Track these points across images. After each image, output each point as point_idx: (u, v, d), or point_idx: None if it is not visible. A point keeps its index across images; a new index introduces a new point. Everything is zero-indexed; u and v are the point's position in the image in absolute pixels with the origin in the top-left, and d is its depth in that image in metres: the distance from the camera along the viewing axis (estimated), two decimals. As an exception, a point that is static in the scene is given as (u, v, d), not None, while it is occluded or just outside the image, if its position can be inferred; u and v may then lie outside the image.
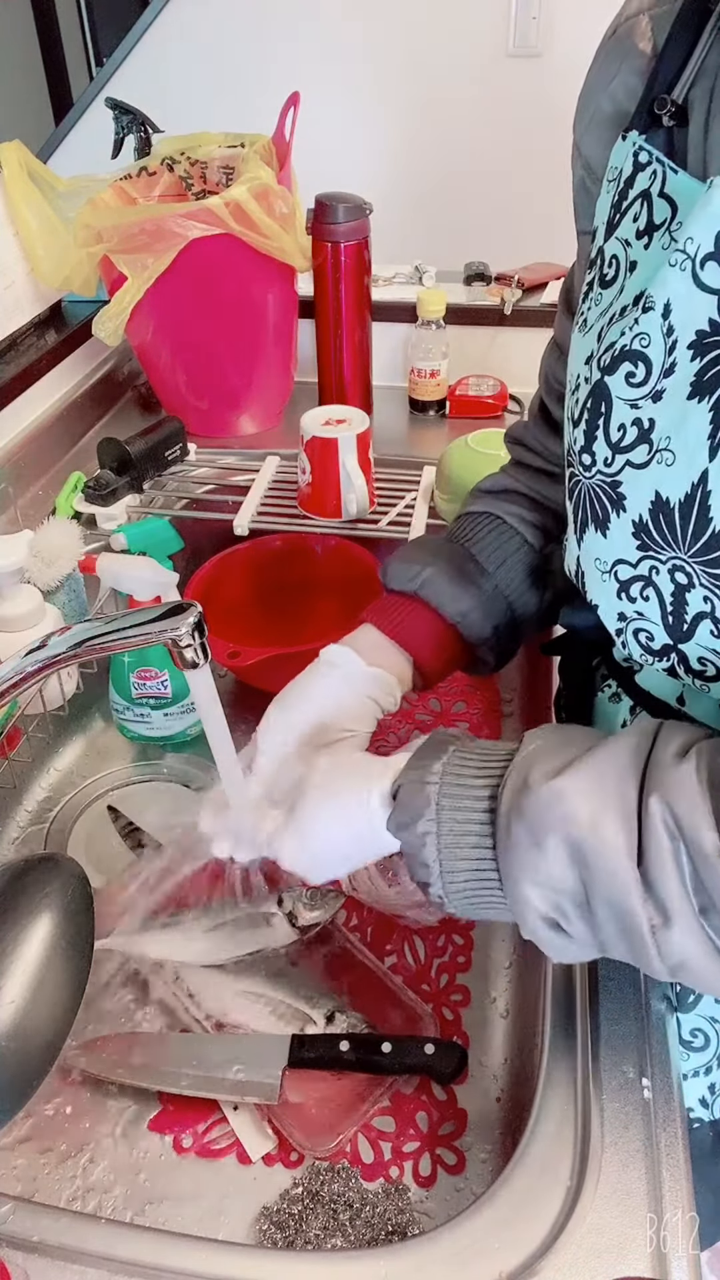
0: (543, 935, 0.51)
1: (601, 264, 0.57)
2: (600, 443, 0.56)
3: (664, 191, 0.52)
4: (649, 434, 0.52)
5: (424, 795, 0.53)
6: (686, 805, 0.45)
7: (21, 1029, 0.64)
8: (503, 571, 0.73)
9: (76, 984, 0.68)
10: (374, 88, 1.78)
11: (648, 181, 0.53)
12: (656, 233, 0.52)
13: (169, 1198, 0.65)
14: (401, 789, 0.55)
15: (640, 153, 0.53)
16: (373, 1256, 0.53)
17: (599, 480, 0.56)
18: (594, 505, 0.57)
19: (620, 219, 0.55)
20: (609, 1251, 0.50)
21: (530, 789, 0.49)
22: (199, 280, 1.16)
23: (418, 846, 0.53)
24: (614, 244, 0.56)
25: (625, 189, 0.55)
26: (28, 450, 1.19)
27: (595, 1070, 0.58)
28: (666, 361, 0.51)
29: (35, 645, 0.62)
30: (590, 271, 0.59)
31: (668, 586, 0.54)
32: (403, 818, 0.54)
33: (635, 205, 0.54)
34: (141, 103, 1.34)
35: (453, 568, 0.71)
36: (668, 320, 0.50)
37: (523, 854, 0.49)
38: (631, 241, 0.54)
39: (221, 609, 1.04)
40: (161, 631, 0.62)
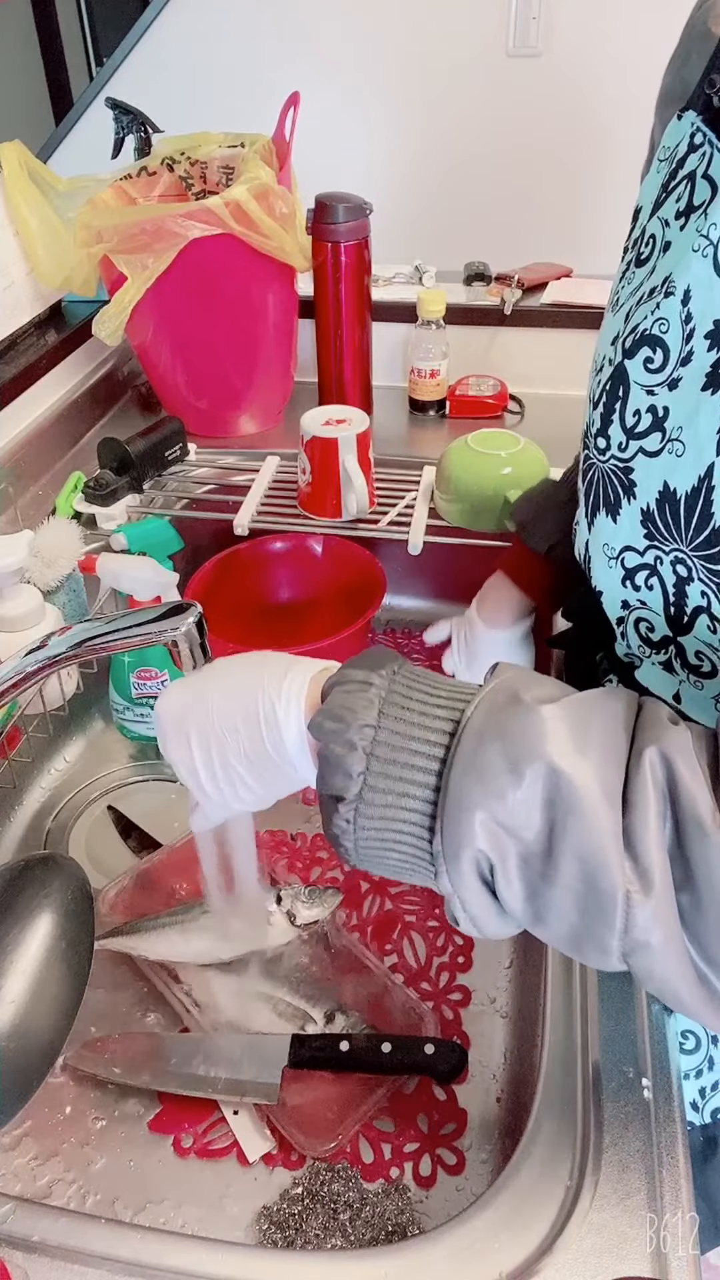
0: (467, 887, 0.43)
1: (640, 244, 0.56)
2: (616, 426, 0.55)
3: (708, 173, 0.50)
4: (663, 422, 0.52)
5: (365, 696, 0.45)
6: (685, 767, 0.40)
7: (21, 1029, 0.64)
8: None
9: (76, 984, 0.68)
10: (374, 88, 1.78)
11: (697, 162, 0.52)
12: (694, 214, 0.51)
13: (169, 1198, 0.65)
14: (336, 686, 0.47)
15: (697, 133, 0.52)
16: (373, 1256, 0.53)
17: (613, 464, 0.56)
18: (606, 490, 0.57)
19: (665, 198, 0.54)
20: (609, 1251, 0.50)
21: (522, 707, 0.43)
22: (199, 280, 1.16)
23: (343, 752, 0.44)
24: (655, 223, 0.55)
25: (676, 169, 0.54)
26: (28, 450, 1.19)
27: (595, 1070, 0.58)
28: (684, 349, 0.50)
29: (35, 645, 0.62)
30: (630, 252, 0.58)
31: (670, 578, 0.54)
32: (330, 718, 0.45)
33: (681, 185, 0.53)
34: (141, 103, 1.34)
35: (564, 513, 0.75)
36: (687, 307, 0.49)
37: (490, 779, 0.41)
38: (670, 221, 0.53)
39: (221, 609, 1.04)
40: (161, 631, 0.62)
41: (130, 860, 0.89)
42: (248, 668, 0.53)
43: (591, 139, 1.66)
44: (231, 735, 0.52)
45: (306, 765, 0.50)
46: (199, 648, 0.63)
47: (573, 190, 1.71)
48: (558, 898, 0.41)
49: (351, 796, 0.44)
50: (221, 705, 0.52)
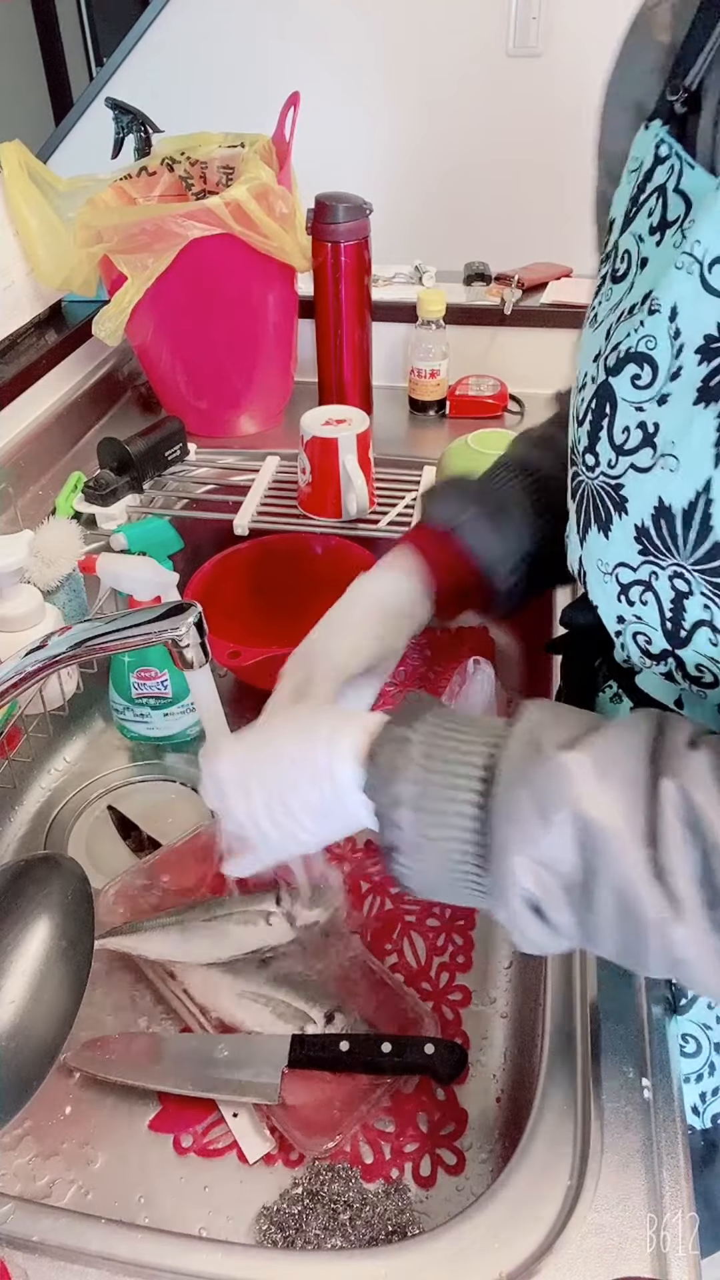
0: (521, 919, 0.47)
1: (615, 259, 0.56)
2: (604, 443, 0.55)
3: (679, 187, 0.51)
4: (653, 438, 0.51)
5: (406, 753, 0.49)
6: (703, 795, 0.43)
7: (21, 1029, 0.64)
8: (541, 524, 0.72)
9: (76, 984, 0.68)
10: (374, 88, 1.78)
11: (665, 175, 0.52)
12: (669, 230, 0.51)
13: (169, 1198, 0.65)
14: (380, 746, 0.50)
15: (661, 145, 0.52)
16: (373, 1256, 0.53)
17: (602, 481, 0.56)
18: (597, 506, 0.57)
19: (636, 213, 0.54)
20: (609, 1251, 0.50)
21: (543, 756, 0.46)
22: (199, 280, 1.16)
23: (393, 810, 0.49)
24: (628, 239, 0.55)
25: (644, 182, 0.53)
26: (28, 450, 1.19)
27: (595, 1070, 0.58)
28: (673, 365, 0.50)
29: (35, 645, 0.62)
30: (604, 266, 0.58)
31: (667, 593, 0.53)
32: (378, 777, 0.50)
33: (651, 200, 0.53)
34: (141, 103, 1.34)
35: (496, 512, 0.72)
36: (674, 323, 0.49)
37: (524, 826, 0.45)
38: (645, 237, 0.53)
39: (221, 609, 1.04)
40: (161, 631, 0.62)
41: (130, 860, 0.89)
42: (302, 724, 0.56)
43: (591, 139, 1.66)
44: (293, 790, 0.54)
45: (368, 815, 0.52)
46: (199, 648, 0.64)
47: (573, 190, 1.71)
48: (601, 923, 0.45)
49: (406, 847, 0.49)
50: (281, 764, 0.55)
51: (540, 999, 0.65)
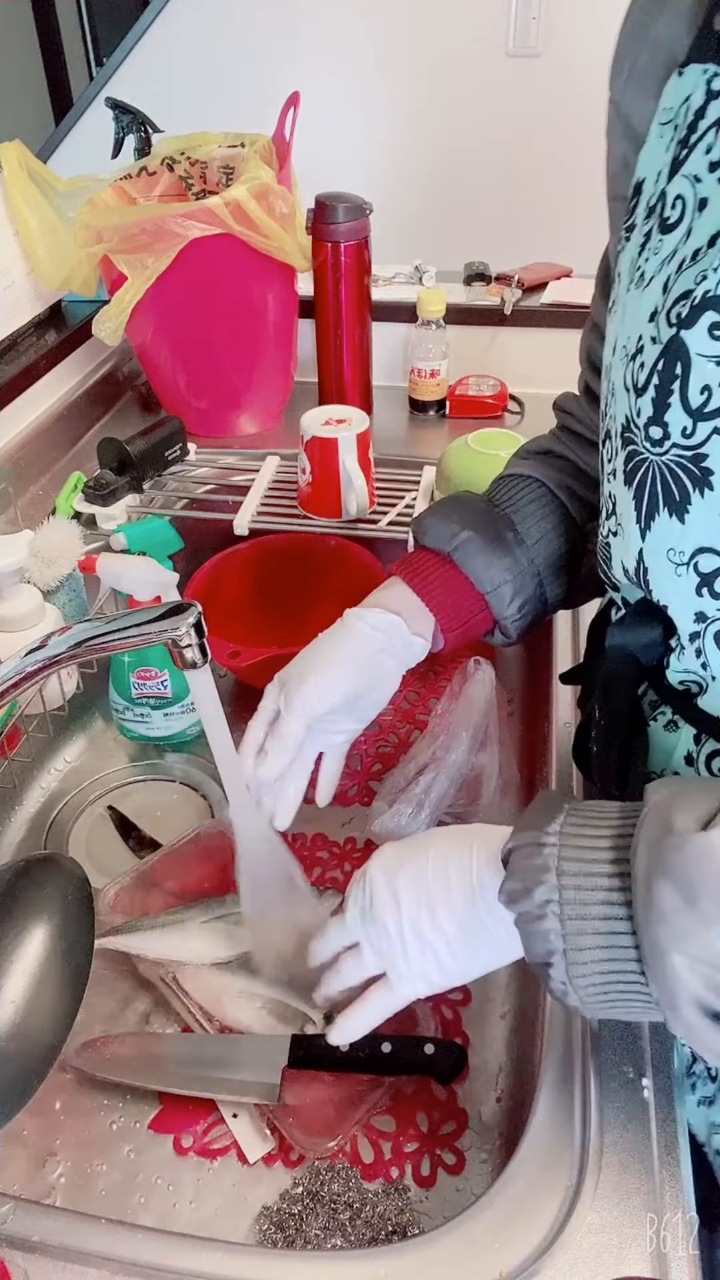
0: (699, 1030, 0.42)
1: (663, 208, 0.50)
2: (676, 410, 0.48)
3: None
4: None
5: (541, 857, 0.46)
6: None
7: (21, 1029, 0.64)
8: (540, 546, 0.68)
9: (76, 984, 0.68)
10: (374, 88, 1.78)
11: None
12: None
13: (169, 1198, 0.65)
14: (514, 852, 0.48)
15: (715, 79, 0.47)
16: (373, 1256, 0.53)
17: (675, 456, 0.49)
18: (667, 486, 0.50)
19: (688, 155, 0.49)
20: (609, 1251, 0.50)
21: (677, 838, 0.42)
22: (199, 280, 1.16)
23: (536, 918, 0.46)
24: (680, 182, 0.49)
25: (695, 121, 0.48)
26: (28, 450, 1.19)
27: (595, 1070, 0.58)
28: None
29: (35, 645, 0.62)
30: (647, 221, 0.52)
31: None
32: (516, 884, 0.47)
33: (708, 136, 0.47)
34: (141, 103, 1.34)
35: (491, 534, 0.67)
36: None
37: (672, 920, 0.41)
38: (703, 176, 0.48)
39: (221, 609, 1.04)
40: (161, 631, 0.62)
41: (130, 860, 0.89)
42: (453, 835, 0.55)
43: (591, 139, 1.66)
44: (444, 895, 0.52)
45: (512, 941, 0.50)
46: (199, 648, 0.64)
47: (573, 190, 1.71)
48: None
49: (558, 962, 0.46)
50: (435, 865, 0.54)
51: (540, 999, 0.65)
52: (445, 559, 0.68)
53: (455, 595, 0.67)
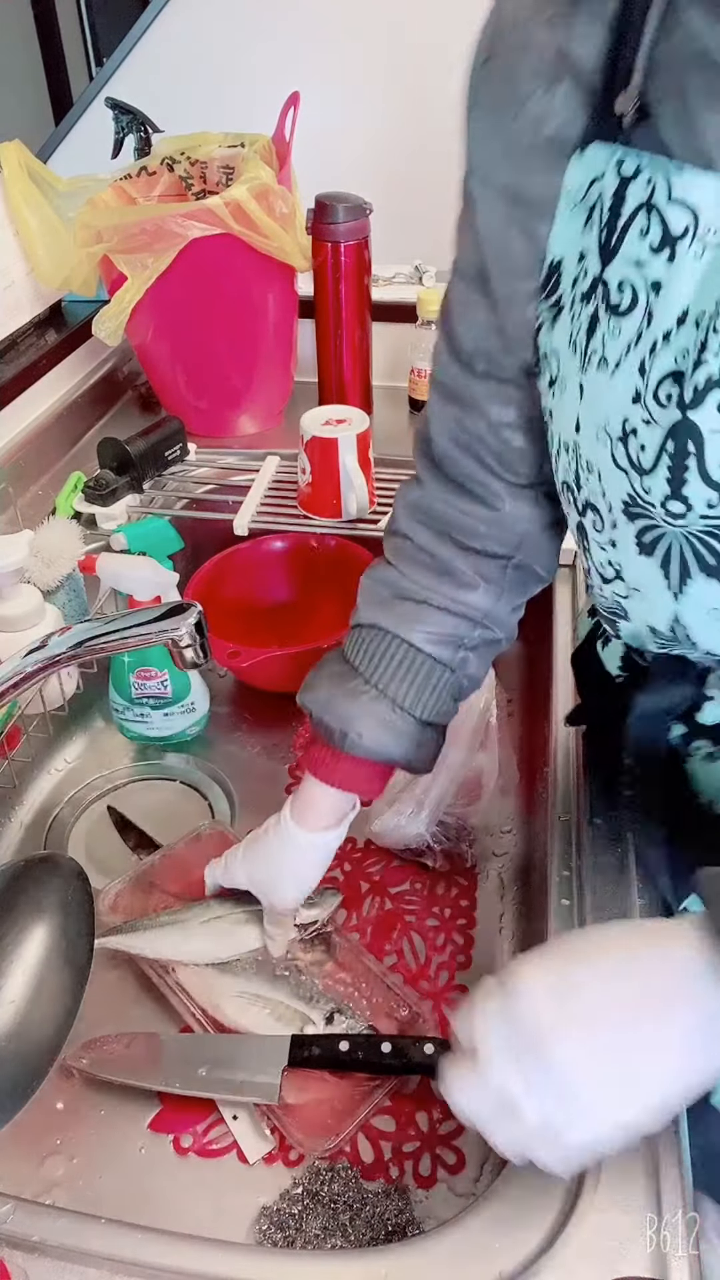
0: None
1: (607, 293, 0.51)
2: (695, 485, 0.49)
3: (674, 198, 0.46)
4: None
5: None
6: None
7: (21, 1029, 0.64)
8: (422, 704, 0.69)
9: (76, 984, 0.68)
10: (374, 88, 1.78)
11: (644, 193, 0.48)
12: (680, 242, 0.47)
13: (169, 1198, 0.65)
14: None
15: (624, 163, 0.48)
16: (373, 1256, 0.53)
17: (704, 526, 0.50)
18: (699, 553, 0.51)
19: (619, 240, 0.49)
20: (609, 1251, 0.50)
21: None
22: (199, 280, 1.16)
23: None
24: (620, 268, 0.50)
25: (616, 205, 0.49)
26: (28, 450, 1.19)
27: (595, 1070, 0.58)
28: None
29: (35, 645, 0.62)
30: (587, 304, 0.52)
31: None
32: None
33: (639, 220, 0.48)
34: (141, 103, 1.34)
35: (376, 720, 0.68)
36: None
37: None
38: (645, 259, 0.48)
39: (221, 609, 1.04)
40: (161, 631, 0.62)
41: (130, 860, 0.89)
42: (620, 940, 0.48)
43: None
44: (632, 1028, 0.45)
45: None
46: (199, 648, 0.64)
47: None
48: None
49: None
50: (609, 991, 0.45)
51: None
52: (346, 754, 0.70)
53: (366, 773, 0.72)
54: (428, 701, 0.69)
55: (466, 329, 0.62)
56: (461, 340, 0.63)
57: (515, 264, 0.56)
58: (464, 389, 0.63)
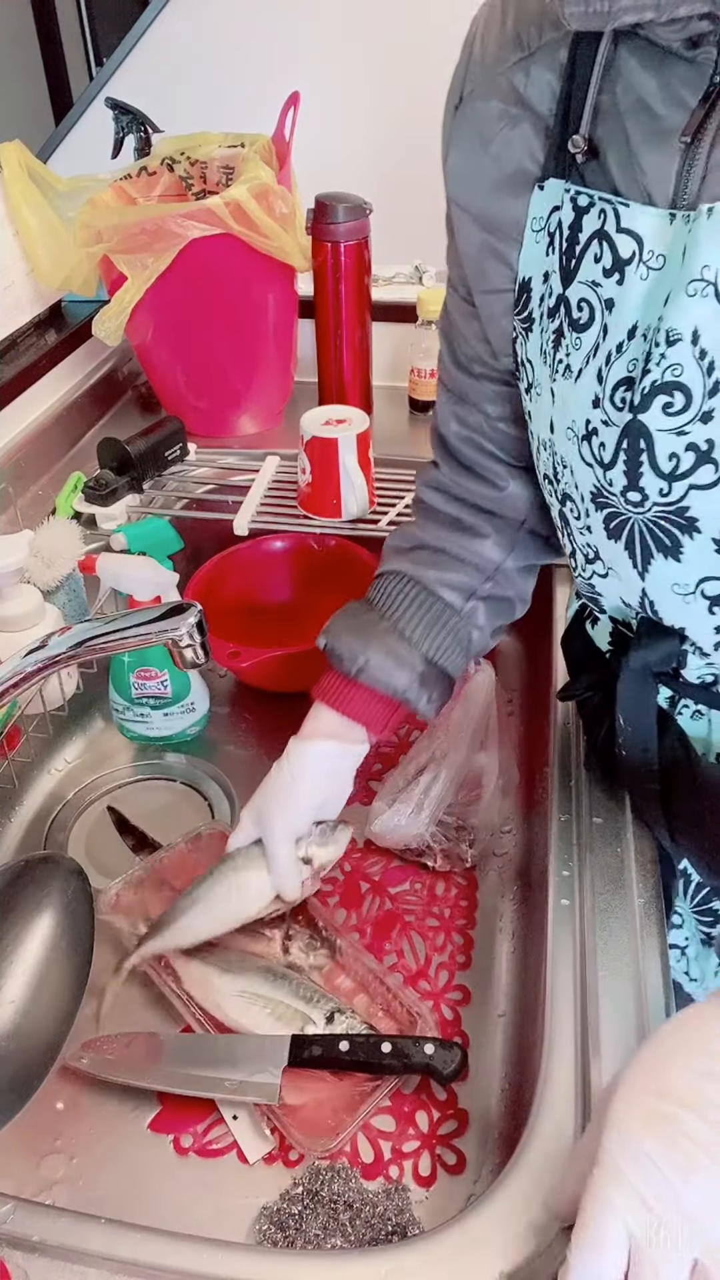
0: None
1: (569, 310, 0.57)
2: (649, 476, 0.55)
3: (622, 227, 0.53)
4: (710, 454, 0.53)
5: None
6: None
7: (21, 1029, 0.64)
8: (431, 641, 0.75)
9: (76, 984, 0.68)
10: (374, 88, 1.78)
11: (597, 222, 0.54)
12: (629, 267, 0.53)
13: (169, 1198, 0.65)
14: None
15: (579, 196, 0.55)
16: (373, 1256, 0.53)
17: (658, 512, 0.56)
18: (657, 536, 0.58)
19: (578, 265, 0.56)
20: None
21: None
22: (199, 280, 1.16)
23: None
24: (579, 288, 0.56)
25: (573, 234, 0.55)
26: (28, 450, 1.19)
27: (595, 1070, 0.58)
28: (708, 383, 0.52)
29: (35, 645, 0.63)
30: (553, 320, 0.59)
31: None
32: None
33: (593, 247, 0.54)
34: (141, 103, 1.34)
35: (384, 651, 0.74)
36: (698, 346, 0.51)
37: None
38: (600, 281, 0.55)
39: (221, 609, 1.04)
40: (161, 631, 0.62)
41: (130, 860, 0.89)
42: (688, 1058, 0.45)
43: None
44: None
45: None
46: (199, 648, 0.64)
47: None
48: None
49: None
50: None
51: (540, 999, 0.65)
52: (354, 680, 0.75)
53: (373, 706, 0.76)
54: (435, 639, 0.75)
55: (461, 337, 0.70)
56: (458, 346, 0.71)
57: (491, 283, 0.63)
58: (464, 389, 0.72)
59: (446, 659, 0.75)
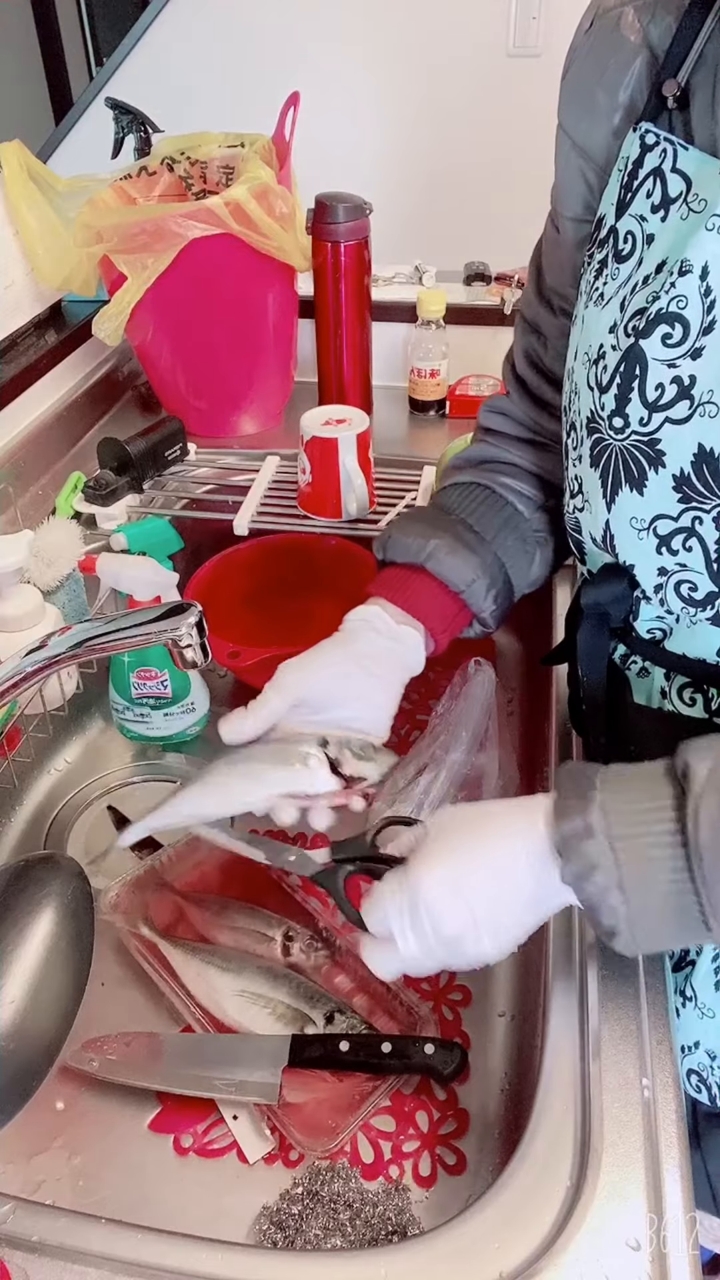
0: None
1: (616, 241, 0.60)
2: (635, 404, 0.57)
3: (676, 167, 0.55)
4: (689, 390, 0.55)
5: (595, 843, 0.51)
6: None
7: (21, 1029, 0.64)
8: (499, 539, 0.75)
9: (76, 984, 0.68)
10: (374, 88, 1.78)
11: (658, 160, 0.56)
12: (673, 205, 0.56)
13: (169, 1198, 0.65)
14: (566, 839, 0.52)
15: (647, 135, 0.57)
16: (373, 1256, 0.53)
17: (634, 440, 0.58)
18: (628, 466, 0.59)
19: (632, 198, 0.58)
20: (609, 1252, 0.50)
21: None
22: (199, 280, 1.16)
23: (599, 896, 0.51)
24: (628, 221, 0.59)
25: (635, 169, 0.58)
26: (28, 450, 1.19)
27: (595, 1070, 0.58)
28: (705, 320, 0.54)
29: (35, 645, 0.63)
30: (601, 250, 0.61)
31: (712, 535, 0.57)
32: (578, 868, 0.51)
33: (647, 183, 0.57)
34: (141, 103, 1.34)
35: (454, 538, 0.73)
36: (706, 281, 0.53)
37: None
38: (647, 216, 0.57)
39: (221, 609, 1.04)
40: (161, 631, 0.62)
41: (130, 860, 0.89)
42: (494, 826, 0.57)
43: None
44: (514, 892, 0.55)
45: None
46: (199, 648, 0.63)
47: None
48: None
49: (623, 929, 0.51)
50: (492, 871, 0.55)
51: (540, 999, 0.65)
52: (415, 569, 0.73)
53: (434, 599, 0.72)
54: (506, 539, 0.75)
55: (549, 265, 0.72)
56: (545, 276, 0.73)
57: (574, 210, 0.66)
58: (540, 322, 0.75)
59: (513, 564, 0.75)
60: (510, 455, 0.79)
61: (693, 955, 0.70)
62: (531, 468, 0.78)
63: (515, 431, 0.79)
